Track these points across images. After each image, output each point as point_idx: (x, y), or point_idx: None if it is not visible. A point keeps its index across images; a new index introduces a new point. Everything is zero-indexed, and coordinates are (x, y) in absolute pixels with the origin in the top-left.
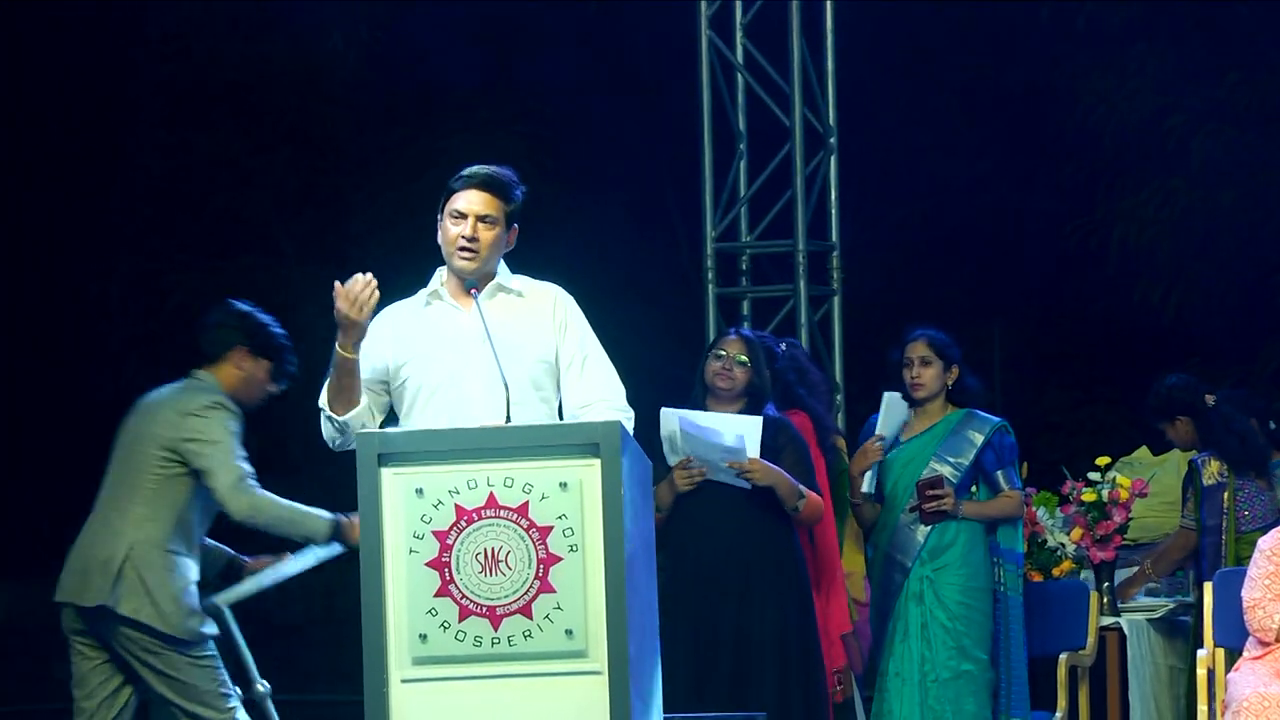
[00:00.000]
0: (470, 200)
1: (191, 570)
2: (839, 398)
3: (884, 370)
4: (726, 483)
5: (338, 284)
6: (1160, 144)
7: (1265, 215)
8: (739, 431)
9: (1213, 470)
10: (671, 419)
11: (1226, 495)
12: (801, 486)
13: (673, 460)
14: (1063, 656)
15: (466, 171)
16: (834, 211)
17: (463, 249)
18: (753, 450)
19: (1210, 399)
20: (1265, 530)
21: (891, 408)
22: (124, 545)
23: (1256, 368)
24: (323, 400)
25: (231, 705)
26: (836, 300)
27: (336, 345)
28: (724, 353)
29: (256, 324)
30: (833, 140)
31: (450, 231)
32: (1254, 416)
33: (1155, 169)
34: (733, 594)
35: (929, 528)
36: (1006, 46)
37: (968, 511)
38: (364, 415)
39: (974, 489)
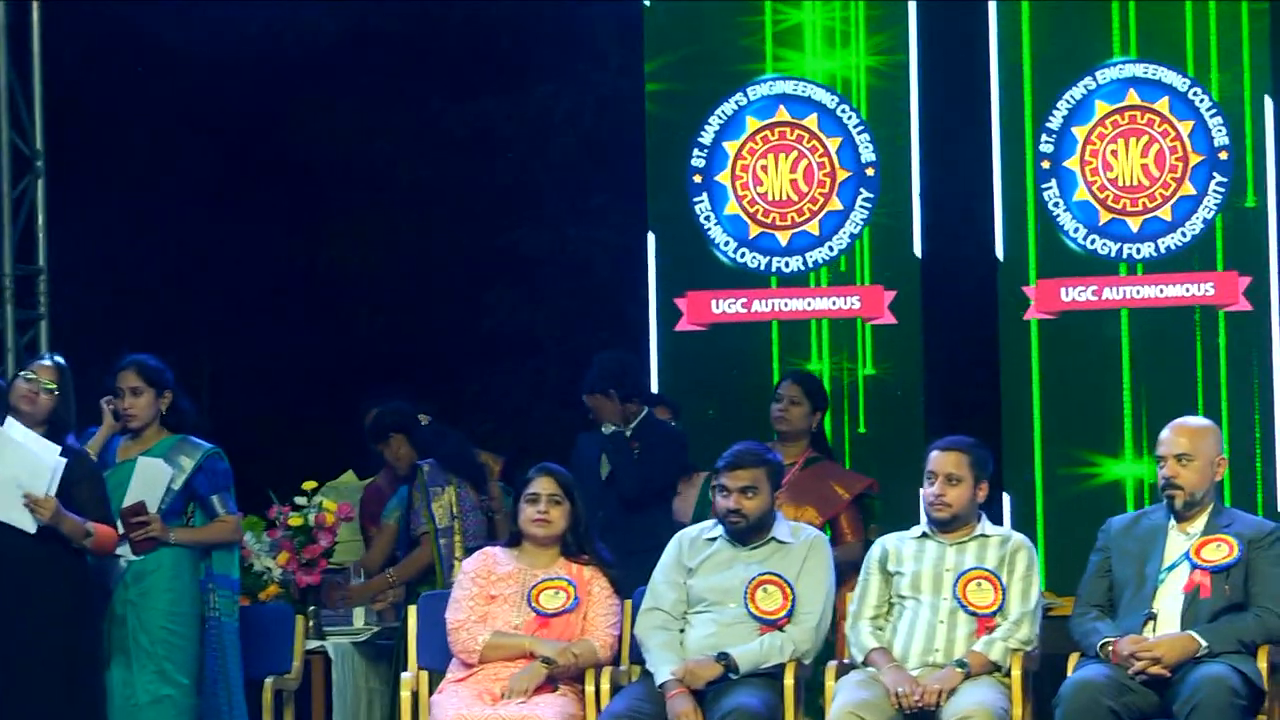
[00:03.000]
0: None
1: None
2: None
3: (98, 396)
4: (8, 523)
5: None
6: (369, 166)
7: (473, 236)
8: (46, 457)
9: (433, 474)
10: None
11: (452, 497)
12: (89, 524)
13: None
14: (268, 680)
15: None
16: (42, 235)
17: None
18: (49, 484)
19: (424, 418)
20: (478, 546)
21: (145, 472)
22: None
23: (460, 387)
24: None
25: None
26: (44, 324)
27: None
28: (32, 376)
29: None
30: (40, 163)
31: None
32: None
33: (366, 191)
34: (21, 630)
35: (137, 554)
36: (228, 66)
37: (180, 538)
38: None
39: (189, 514)
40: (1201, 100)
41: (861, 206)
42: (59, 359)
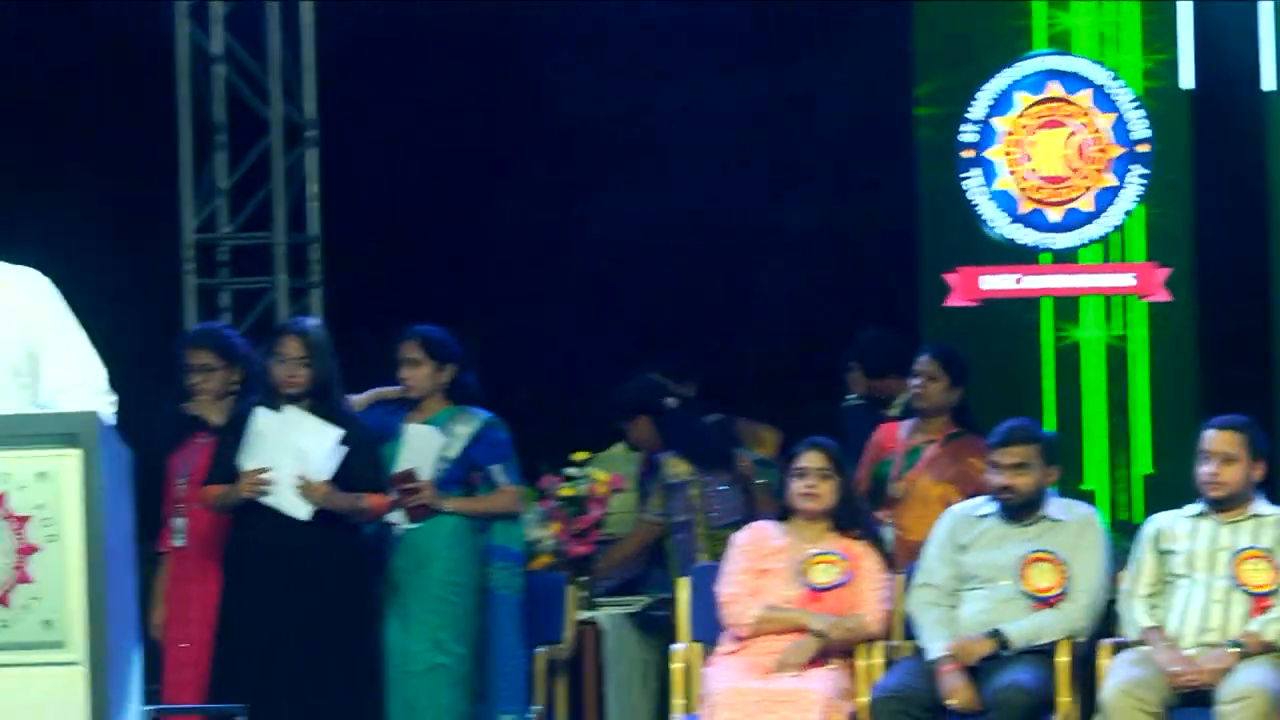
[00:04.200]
0: None
1: None
2: None
3: (374, 365)
4: (282, 509)
5: None
6: (638, 139)
7: (738, 215)
8: (324, 442)
9: (677, 469)
10: (264, 417)
11: (694, 493)
12: (362, 500)
13: (249, 464)
14: (540, 650)
15: None
16: (314, 205)
17: None
18: (325, 469)
19: (671, 401)
20: (736, 525)
21: (415, 439)
22: None
23: (728, 363)
24: None
25: None
26: (317, 293)
27: None
28: (284, 355)
29: None
30: (311, 133)
31: None
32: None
33: (634, 164)
34: (298, 601)
35: (412, 521)
36: (499, 39)
37: (456, 506)
38: None
39: (474, 484)
40: None
41: (1134, 183)
42: (305, 324)
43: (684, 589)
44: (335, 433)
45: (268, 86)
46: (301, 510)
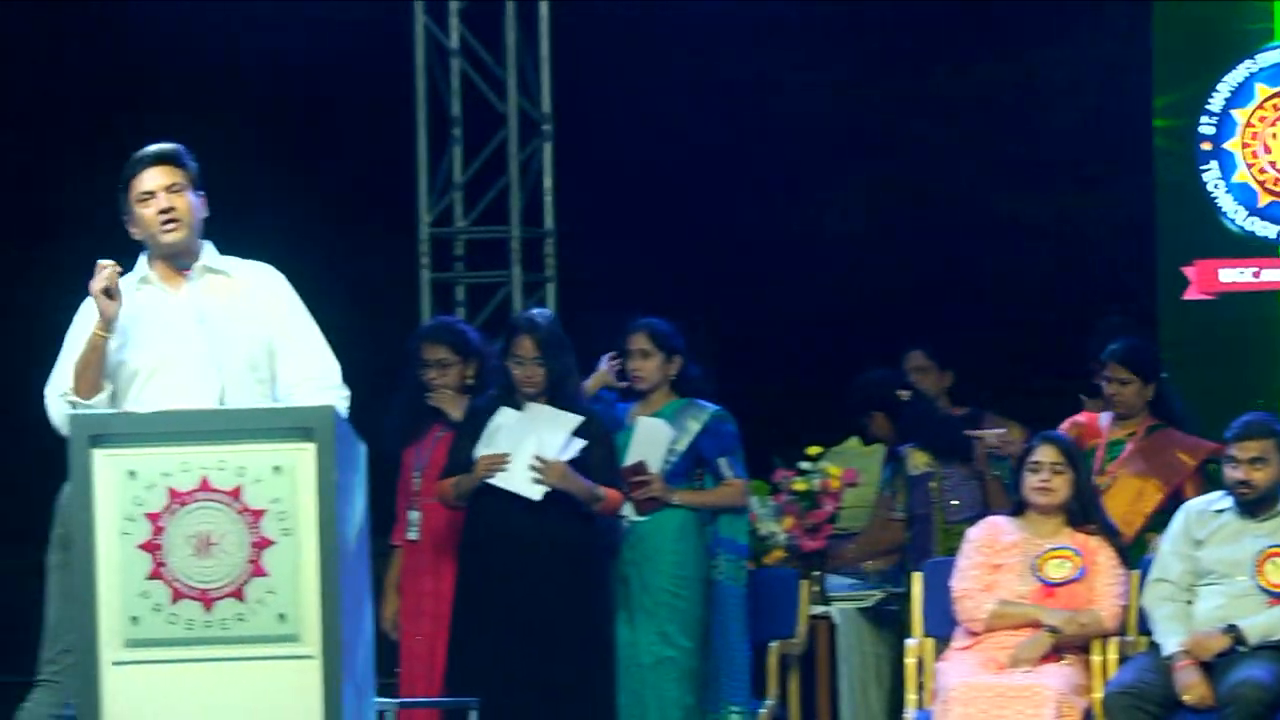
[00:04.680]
0: (152, 178)
1: None
2: None
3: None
4: (516, 491)
5: (103, 262)
6: (868, 130)
7: (973, 208)
8: (559, 431)
9: (918, 461)
10: (506, 413)
11: (934, 485)
12: (599, 489)
13: (483, 452)
14: (773, 644)
15: (135, 158)
16: (549, 199)
17: (166, 223)
18: (560, 451)
19: (904, 394)
20: (973, 520)
21: (645, 433)
22: None
23: (963, 356)
24: (64, 384)
25: None
26: (551, 287)
27: (95, 328)
28: (520, 356)
29: None
30: (547, 127)
31: (146, 214)
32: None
33: (866, 154)
34: (531, 593)
35: (641, 514)
36: (727, 30)
37: (684, 499)
38: (106, 401)
39: (698, 477)
40: None
41: None
42: (537, 321)
43: (917, 584)
44: (574, 419)
45: (504, 81)
46: (535, 491)
